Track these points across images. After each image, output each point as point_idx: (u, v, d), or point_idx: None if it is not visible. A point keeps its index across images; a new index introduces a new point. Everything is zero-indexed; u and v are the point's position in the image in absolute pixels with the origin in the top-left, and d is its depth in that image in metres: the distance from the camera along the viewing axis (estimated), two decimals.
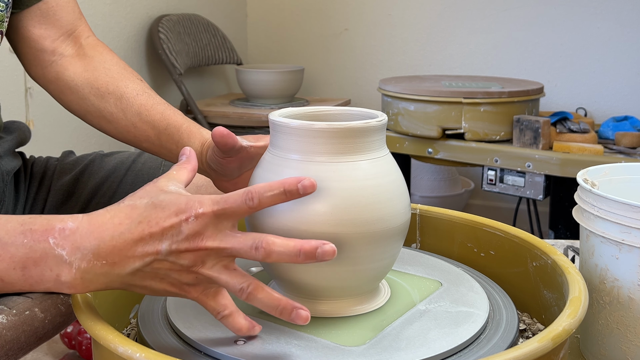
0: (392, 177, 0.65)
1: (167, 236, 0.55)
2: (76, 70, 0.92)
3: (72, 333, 1.65)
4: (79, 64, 0.93)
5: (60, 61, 0.93)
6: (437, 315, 0.65)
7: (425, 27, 2.78)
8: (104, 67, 0.92)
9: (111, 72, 0.91)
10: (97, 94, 0.90)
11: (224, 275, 0.56)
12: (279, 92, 2.44)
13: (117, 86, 0.90)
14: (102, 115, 0.91)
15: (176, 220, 0.55)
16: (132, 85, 0.90)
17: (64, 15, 0.93)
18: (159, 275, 0.56)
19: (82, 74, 0.92)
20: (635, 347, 0.71)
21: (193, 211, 0.55)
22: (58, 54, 0.93)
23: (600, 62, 2.55)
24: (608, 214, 0.69)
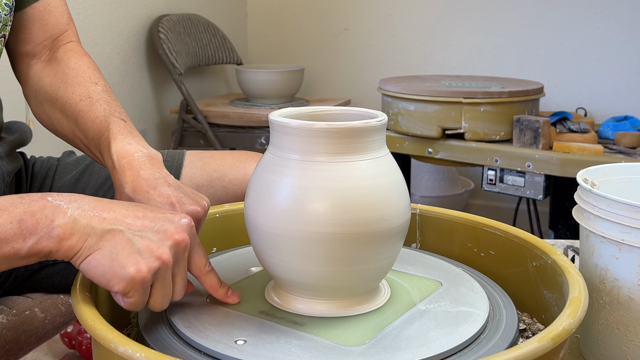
0: (392, 177, 0.65)
1: (160, 222, 0.60)
2: (42, 75, 0.91)
3: (72, 333, 1.65)
4: (46, 69, 0.91)
5: (35, 66, 0.92)
6: (437, 315, 0.65)
7: (425, 27, 2.78)
8: (63, 71, 0.89)
9: (67, 77, 0.88)
10: (49, 99, 0.88)
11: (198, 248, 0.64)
12: (279, 92, 2.44)
13: (65, 92, 0.86)
14: (51, 121, 0.89)
15: (170, 214, 0.62)
16: (78, 91, 0.85)
17: (52, 20, 0.92)
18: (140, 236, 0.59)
19: (44, 79, 0.90)
20: (635, 347, 0.71)
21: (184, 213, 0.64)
22: (36, 58, 0.93)
23: (600, 62, 2.55)
24: (608, 214, 0.69)
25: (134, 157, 0.74)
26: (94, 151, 0.82)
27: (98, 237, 0.58)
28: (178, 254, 0.61)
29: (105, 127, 0.79)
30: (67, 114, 0.85)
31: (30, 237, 0.57)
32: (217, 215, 0.86)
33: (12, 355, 0.85)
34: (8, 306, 0.89)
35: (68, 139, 0.89)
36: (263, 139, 2.30)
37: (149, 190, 0.70)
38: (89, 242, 0.58)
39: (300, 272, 0.63)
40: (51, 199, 0.59)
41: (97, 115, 0.81)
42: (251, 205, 0.65)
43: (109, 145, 0.77)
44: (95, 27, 2.07)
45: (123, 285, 0.58)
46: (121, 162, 0.74)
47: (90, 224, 0.58)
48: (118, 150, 0.75)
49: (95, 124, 0.81)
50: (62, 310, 0.94)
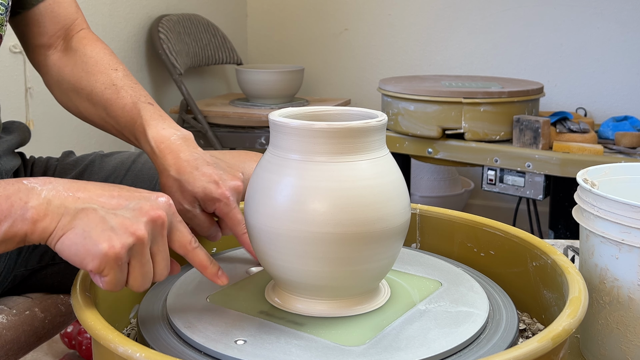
0: (392, 177, 0.65)
1: (135, 200, 0.60)
2: (61, 65, 0.95)
3: (72, 333, 1.65)
4: (64, 58, 0.95)
5: (52, 56, 0.96)
6: (437, 315, 0.65)
7: (425, 27, 2.78)
8: (82, 60, 0.93)
9: (87, 66, 0.91)
10: (73, 89, 0.92)
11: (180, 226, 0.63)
12: (279, 92, 2.44)
13: (89, 81, 0.90)
14: (79, 109, 0.93)
15: (147, 193, 0.61)
16: (102, 79, 0.89)
17: (62, 12, 0.96)
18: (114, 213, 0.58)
19: (64, 69, 0.94)
20: (635, 347, 0.71)
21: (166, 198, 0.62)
22: (52, 49, 0.96)
23: (600, 62, 2.55)
24: (608, 214, 0.69)
25: (171, 141, 0.79)
26: (128, 136, 0.86)
27: (71, 216, 0.58)
28: (155, 230, 0.60)
29: (136, 114, 0.84)
30: (94, 102, 0.89)
31: (5, 220, 0.57)
32: None
33: (12, 355, 0.85)
34: (8, 306, 0.89)
35: (98, 125, 0.92)
36: (263, 139, 2.30)
37: (192, 170, 0.75)
38: (62, 222, 0.57)
39: (300, 272, 0.63)
40: (26, 182, 0.59)
41: (125, 102, 0.85)
42: (251, 205, 0.65)
43: (145, 131, 0.81)
44: (95, 27, 2.06)
45: (97, 263, 0.57)
46: (160, 146, 0.78)
47: (63, 204, 0.58)
48: (154, 136, 0.80)
49: (125, 111, 0.85)
50: (62, 310, 0.94)
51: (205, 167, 0.76)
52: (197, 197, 0.75)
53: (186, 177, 0.75)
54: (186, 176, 0.75)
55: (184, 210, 0.76)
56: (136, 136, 0.84)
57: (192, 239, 0.64)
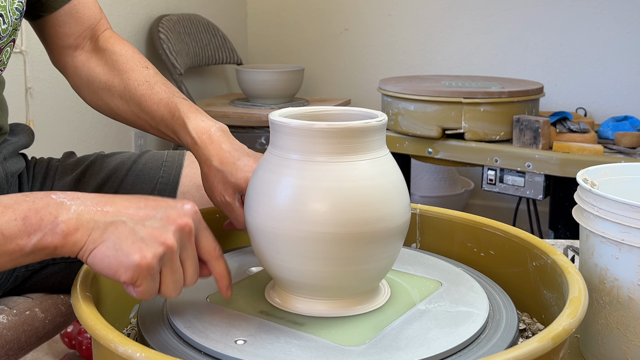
0: (392, 177, 0.65)
1: (162, 209, 0.61)
2: (90, 65, 0.96)
3: (72, 333, 1.65)
4: (93, 58, 0.96)
5: (80, 56, 0.97)
6: (437, 315, 0.65)
7: (425, 27, 2.78)
8: (112, 59, 0.95)
9: (118, 64, 0.94)
10: (105, 88, 0.93)
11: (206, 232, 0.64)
12: (279, 92, 2.44)
13: (122, 78, 0.92)
14: (111, 108, 0.94)
15: (172, 202, 0.62)
16: (134, 76, 0.91)
17: (87, 12, 0.97)
18: (142, 224, 0.59)
19: (95, 69, 0.95)
20: (635, 346, 0.71)
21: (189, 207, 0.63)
22: (79, 49, 0.97)
23: (600, 62, 2.55)
24: (608, 213, 0.69)
25: (212, 132, 0.82)
26: (164, 130, 0.88)
27: (102, 230, 0.59)
28: (183, 238, 0.61)
29: (173, 107, 0.86)
30: (127, 99, 0.91)
31: (35, 233, 0.58)
32: (217, 215, 0.86)
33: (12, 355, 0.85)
34: (8, 306, 0.89)
35: (130, 122, 0.94)
36: (263, 139, 2.30)
37: (234, 161, 0.79)
38: (93, 236, 0.58)
39: (300, 272, 0.63)
40: (55, 196, 0.60)
41: (160, 97, 0.88)
42: (251, 205, 0.65)
43: (185, 124, 0.84)
44: None
45: (130, 274, 0.58)
46: (202, 137, 0.82)
47: (93, 218, 0.59)
48: (195, 128, 0.83)
49: (161, 105, 0.87)
50: (62, 310, 0.94)
51: (246, 158, 0.79)
52: (238, 188, 0.78)
53: (229, 168, 0.78)
54: (229, 167, 0.78)
55: (225, 202, 0.79)
56: (174, 129, 0.86)
57: (216, 246, 0.65)
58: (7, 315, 0.86)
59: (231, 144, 0.81)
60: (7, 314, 0.87)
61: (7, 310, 0.88)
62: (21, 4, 0.87)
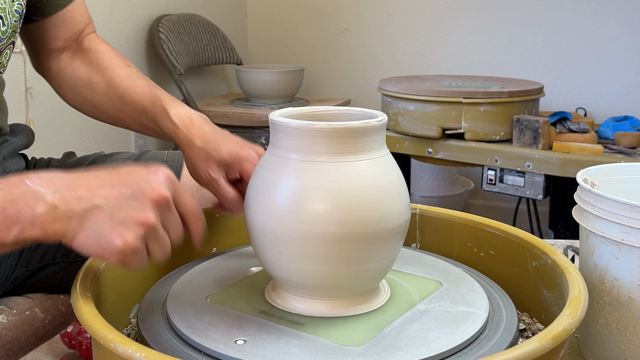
0: (392, 177, 0.65)
1: (136, 185, 0.60)
2: (74, 65, 0.96)
3: (72, 333, 1.65)
4: (76, 59, 0.97)
5: (65, 58, 0.97)
6: (437, 315, 0.65)
7: (425, 27, 2.78)
8: (96, 57, 0.96)
9: (102, 62, 0.95)
10: (87, 85, 0.94)
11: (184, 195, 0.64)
12: (279, 92, 2.44)
13: (105, 75, 0.93)
14: (93, 104, 0.95)
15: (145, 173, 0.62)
16: (117, 72, 0.93)
17: (78, 17, 0.98)
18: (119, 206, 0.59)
19: (78, 69, 0.96)
20: (635, 346, 0.71)
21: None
22: (65, 52, 0.98)
23: (600, 62, 2.55)
24: (608, 213, 0.69)
25: (193, 117, 0.84)
26: (145, 121, 0.89)
27: (79, 218, 0.59)
28: (162, 210, 0.61)
29: (155, 97, 0.88)
30: (109, 95, 0.93)
31: (14, 226, 0.58)
32: (217, 215, 0.86)
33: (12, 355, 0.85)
34: (8, 306, 0.89)
35: (112, 118, 0.95)
36: (263, 139, 2.30)
37: (216, 139, 0.81)
38: (72, 226, 0.59)
39: (300, 272, 0.63)
40: (29, 182, 0.59)
41: (142, 90, 0.90)
42: (251, 205, 0.65)
43: (166, 111, 0.85)
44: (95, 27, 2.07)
45: (116, 258, 0.59)
46: (184, 121, 0.83)
47: (70, 208, 0.59)
48: (177, 114, 0.84)
49: (143, 97, 0.89)
50: (62, 310, 0.94)
51: (228, 135, 0.82)
52: (224, 161, 0.79)
53: (212, 145, 0.80)
54: (211, 144, 0.80)
55: (209, 179, 0.79)
56: (155, 117, 0.87)
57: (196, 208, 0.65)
58: (7, 315, 0.86)
59: (212, 126, 0.83)
60: (7, 314, 0.87)
61: (7, 310, 0.88)
62: (20, 6, 0.87)
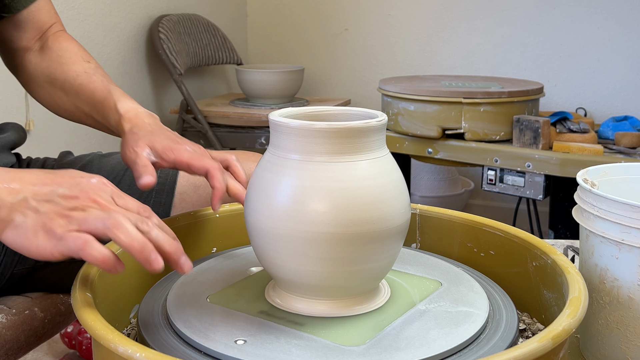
0: (392, 177, 0.65)
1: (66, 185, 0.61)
2: (37, 62, 0.98)
3: (72, 333, 1.65)
4: (40, 56, 0.98)
5: (28, 56, 0.99)
6: (437, 315, 0.65)
7: (425, 27, 2.78)
8: (57, 54, 0.97)
9: (62, 59, 0.96)
10: (49, 81, 0.96)
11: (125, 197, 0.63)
12: (279, 92, 2.44)
13: (63, 71, 0.95)
14: (54, 100, 0.96)
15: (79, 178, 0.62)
16: (74, 68, 0.94)
17: (42, 18, 0.99)
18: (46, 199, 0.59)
19: (40, 64, 0.97)
20: (635, 347, 0.71)
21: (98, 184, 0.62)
22: (29, 50, 0.99)
23: (600, 62, 2.55)
24: (608, 214, 0.69)
25: (139, 111, 0.86)
26: (97, 117, 0.91)
27: (8, 208, 0.59)
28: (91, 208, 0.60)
29: (107, 93, 0.89)
30: (66, 90, 0.93)
31: None
32: (217, 215, 0.86)
33: (12, 355, 0.85)
34: (8, 306, 0.89)
35: (70, 113, 0.96)
36: (263, 139, 2.30)
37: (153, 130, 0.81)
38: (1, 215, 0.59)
39: (300, 272, 0.63)
40: None
41: (96, 85, 0.91)
42: (251, 205, 0.65)
43: (115, 105, 0.87)
44: (95, 27, 2.07)
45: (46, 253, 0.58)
46: (128, 114, 0.85)
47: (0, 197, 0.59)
48: (124, 107, 0.86)
49: (97, 92, 0.90)
50: (62, 310, 0.94)
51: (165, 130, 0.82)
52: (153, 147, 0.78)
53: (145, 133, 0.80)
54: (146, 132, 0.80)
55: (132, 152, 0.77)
56: (104, 112, 0.88)
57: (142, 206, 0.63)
58: (6, 314, 0.86)
59: (154, 121, 0.84)
60: (7, 313, 0.87)
61: (7, 309, 0.88)
62: None
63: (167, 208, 0.98)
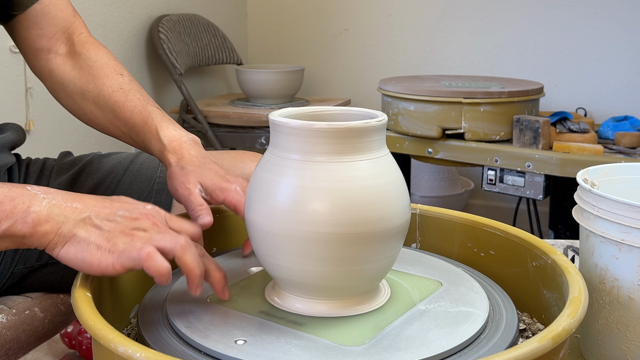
0: (392, 177, 0.65)
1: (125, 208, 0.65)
2: (65, 68, 0.96)
3: (72, 333, 1.65)
4: (68, 62, 0.96)
5: (54, 59, 0.97)
6: (437, 315, 0.65)
7: (425, 27, 2.78)
8: (87, 64, 0.95)
9: (93, 70, 0.94)
10: (80, 92, 0.94)
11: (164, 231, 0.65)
12: (279, 92, 2.44)
13: (96, 84, 0.93)
14: (84, 112, 0.95)
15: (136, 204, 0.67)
16: (109, 82, 0.92)
17: (58, 14, 0.97)
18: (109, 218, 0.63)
19: (70, 72, 0.95)
20: (635, 347, 0.71)
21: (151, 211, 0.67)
22: (53, 52, 0.97)
23: (600, 62, 2.55)
24: (608, 213, 0.69)
25: (183, 140, 0.84)
26: (135, 138, 0.90)
27: (71, 224, 0.62)
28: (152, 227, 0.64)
29: (147, 116, 0.88)
30: (100, 105, 0.92)
31: (7, 219, 0.61)
32: (217, 215, 0.86)
33: (12, 355, 0.85)
34: (8, 306, 0.89)
35: (103, 128, 0.95)
36: (263, 139, 2.30)
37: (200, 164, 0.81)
38: (62, 230, 0.62)
39: (300, 272, 0.63)
40: (30, 188, 0.63)
41: (134, 105, 0.89)
42: (251, 205, 0.65)
43: (157, 132, 0.86)
44: (95, 27, 2.07)
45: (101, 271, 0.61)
46: (172, 144, 0.84)
47: (63, 213, 0.62)
48: (167, 136, 0.85)
49: (135, 113, 0.89)
50: (62, 310, 0.94)
51: (212, 164, 0.81)
52: (201, 182, 0.79)
53: (194, 168, 0.80)
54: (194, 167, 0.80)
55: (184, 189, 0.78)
56: (145, 136, 0.87)
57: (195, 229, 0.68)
58: (6, 314, 0.86)
59: (199, 152, 0.83)
60: (7, 313, 0.87)
61: (7, 309, 0.88)
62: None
63: (167, 208, 0.98)
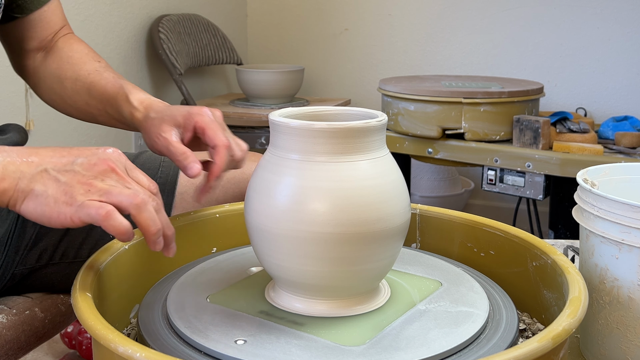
0: (392, 177, 0.65)
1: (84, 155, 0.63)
2: (47, 62, 0.99)
3: (72, 333, 1.65)
4: (50, 57, 0.99)
5: (39, 58, 1.00)
6: (437, 315, 0.65)
7: (425, 27, 2.78)
8: (67, 55, 0.98)
9: (72, 59, 0.97)
10: (59, 81, 0.97)
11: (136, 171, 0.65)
12: (279, 92, 2.44)
13: (74, 70, 0.96)
14: (63, 99, 0.97)
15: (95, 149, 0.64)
16: (85, 67, 0.95)
17: (53, 19, 1.00)
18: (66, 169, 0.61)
19: (50, 66, 0.98)
20: (635, 347, 0.71)
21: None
22: (40, 52, 1.00)
23: (600, 62, 2.55)
24: (608, 214, 0.69)
25: (152, 100, 0.86)
26: (110, 111, 0.91)
27: (28, 179, 0.61)
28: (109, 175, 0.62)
29: (119, 87, 0.90)
30: (77, 89, 0.94)
31: None
32: (217, 215, 0.86)
33: (12, 355, 0.85)
34: (8, 306, 0.89)
35: (81, 111, 0.96)
36: (263, 139, 2.30)
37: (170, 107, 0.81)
38: (20, 186, 0.61)
39: (300, 272, 0.63)
40: None
41: (108, 81, 0.92)
42: (251, 205, 0.65)
43: (127, 97, 0.87)
44: (95, 27, 2.07)
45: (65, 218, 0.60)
46: (143, 103, 0.86)
47: (19, 169, 0.62)
48: (137, 98, 0.87)
49: (108, 87, 0.91)
50: (62, 310, 0.94)
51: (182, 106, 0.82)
52: (176, 123, 0.78)
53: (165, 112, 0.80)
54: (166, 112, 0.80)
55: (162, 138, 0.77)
56: (117, 104, 0.89)
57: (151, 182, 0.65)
58: (6, 315, 0.86)
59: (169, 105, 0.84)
60: (7, 313, 0.87)
61: (7, 309, 0.88)
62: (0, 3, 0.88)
63: (167, 208, 0.98)
